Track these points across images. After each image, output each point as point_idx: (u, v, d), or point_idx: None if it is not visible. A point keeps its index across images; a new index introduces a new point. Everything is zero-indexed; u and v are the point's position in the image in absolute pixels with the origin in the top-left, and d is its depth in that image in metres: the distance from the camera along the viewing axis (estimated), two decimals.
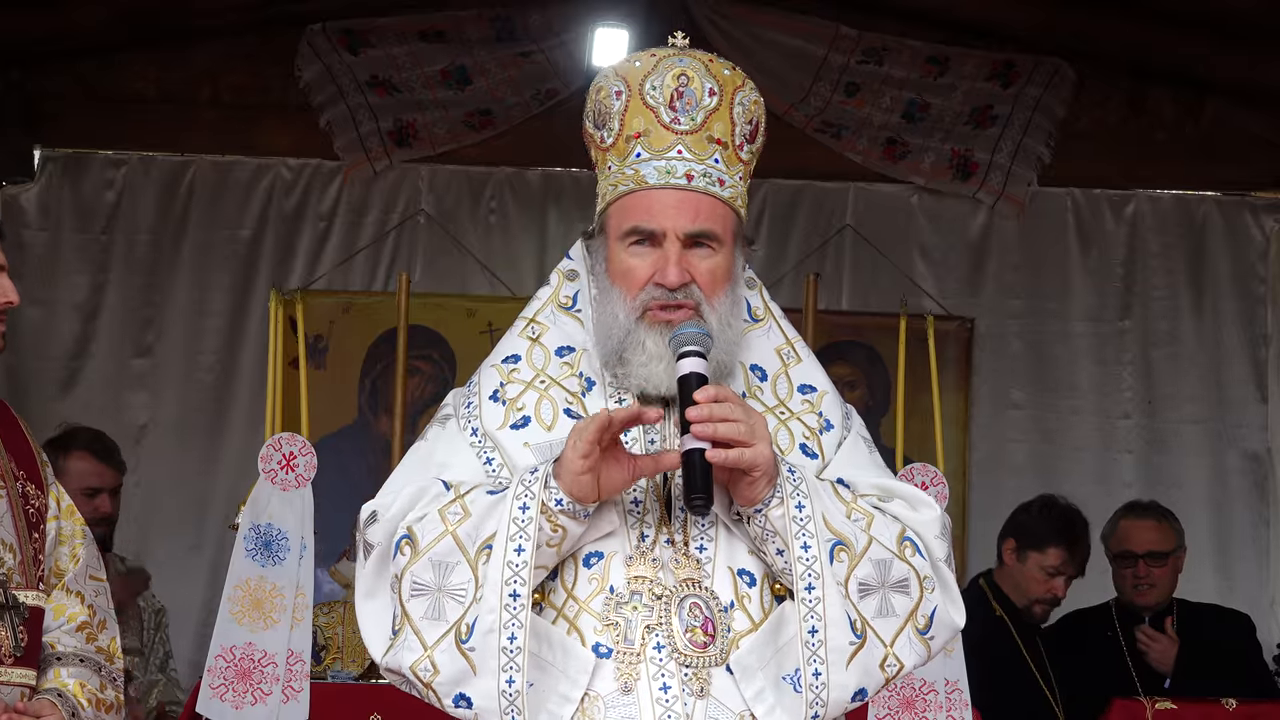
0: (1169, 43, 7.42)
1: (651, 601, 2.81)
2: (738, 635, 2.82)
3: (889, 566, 2.82)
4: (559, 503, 2.74)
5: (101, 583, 3.68)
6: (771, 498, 2.78)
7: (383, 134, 7.62)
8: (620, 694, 2.79)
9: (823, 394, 3.02)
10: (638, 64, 2.97)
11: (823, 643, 2.76)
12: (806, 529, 2.78)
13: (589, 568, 2.84)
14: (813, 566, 2.77)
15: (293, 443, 5.19)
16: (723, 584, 2.83)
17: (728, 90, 2.98)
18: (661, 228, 2.88)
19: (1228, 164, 7.83)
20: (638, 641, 2.80)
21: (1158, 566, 6.35)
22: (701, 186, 2.90)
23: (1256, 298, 7.88)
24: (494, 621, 2.72)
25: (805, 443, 2.95)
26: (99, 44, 7.56)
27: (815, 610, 2.76)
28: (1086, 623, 6.46)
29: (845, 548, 2.80)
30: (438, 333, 7.64)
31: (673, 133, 2.92)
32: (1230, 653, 6.31)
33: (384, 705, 5.15)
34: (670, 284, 2.86)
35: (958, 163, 7.70)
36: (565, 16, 7.53)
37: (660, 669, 2.79)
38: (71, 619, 3.58)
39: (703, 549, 2.85)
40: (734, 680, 2.80)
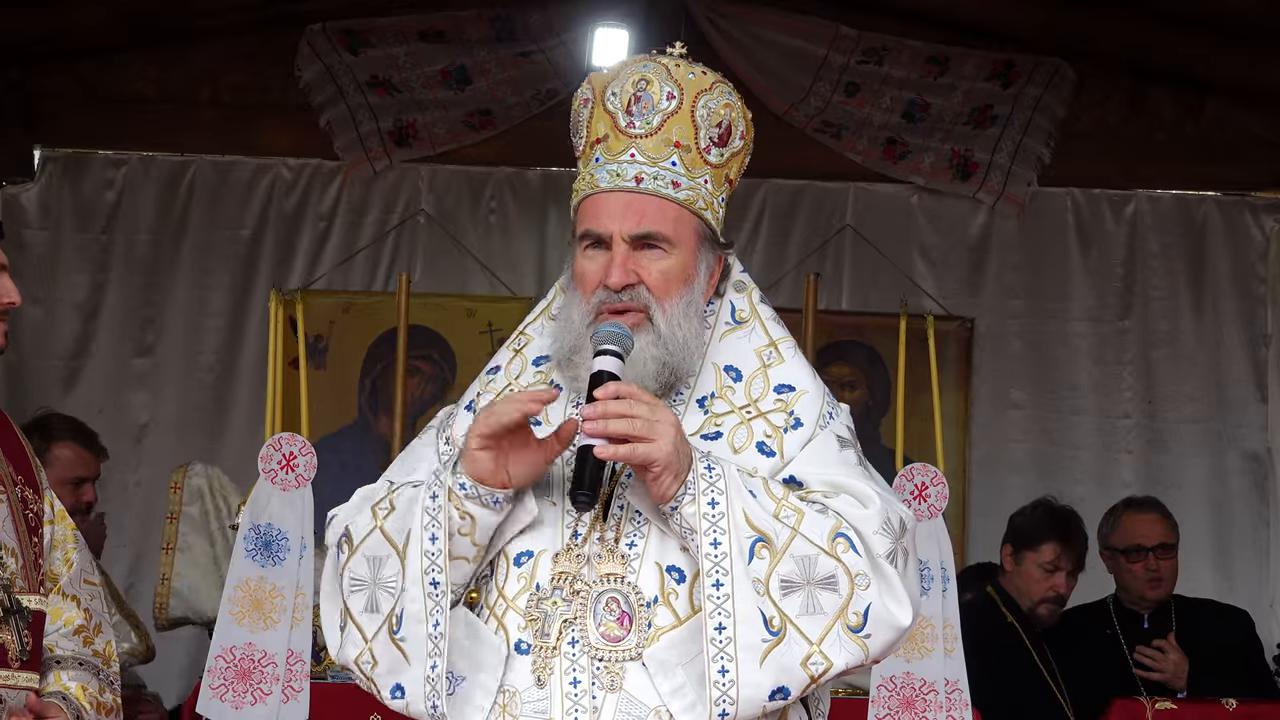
0: (1169, 43, 7.42)
1: (570, 596, 2.82)
2: (659, 630, 2.81)
3: (813, 563, 2.77)
4: (463, 487, 2.78)
5: (96, 586, 3.69)
6: (684, 494, 2.77)
7: (383, 134, 7.62)
8: (535, 688, 2.81)
9: (801, 393, 2.99)
10: (605, 71, 3.01)
11: (731, 639, 2.73)
12: (719, 525, 2.76)
13: (519, 566, 2.87)
14: (721, 563, 2.74)
15: (293, 443, 5.19)
16: (648, 579, 2.83)
17: (690, 93, 2.94)
18: (608, 230, 2.90)
19: (1228, 164, 7.83)
20: (554, 636, 2.81)
21: (1167, 559, 6.36)
22: (650, 188, 2.91)
23: (1256, 298, 7.88)
24: (418, 610, 2.78)
25: (764, 441, 2.92)
26: (99, 44, 7.56)
27: (724, 607, 2.73)
28: (1085, 621, 6.46)
29: (766, 544, 2.76)
30: (438, 333, 7.64)
31: (627, 136, 2.93)
32: (1229, 649, 6.30)
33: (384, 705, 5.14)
34: (613, 285, 2.88)
35: (958, 163, 7.70)
36: (565, 16, 7.53)
37: (573, 663, 2.80)
38: (69, 623, 3.59)
39: (632, 545, 2.84)
40: (648, 675, 2.79)
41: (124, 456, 7.35)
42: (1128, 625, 6.38)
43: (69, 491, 5.90)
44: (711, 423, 2.93)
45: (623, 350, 2.83)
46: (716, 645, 2.73)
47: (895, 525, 2.84)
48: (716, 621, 2.73)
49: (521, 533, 2.88)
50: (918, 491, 5.15)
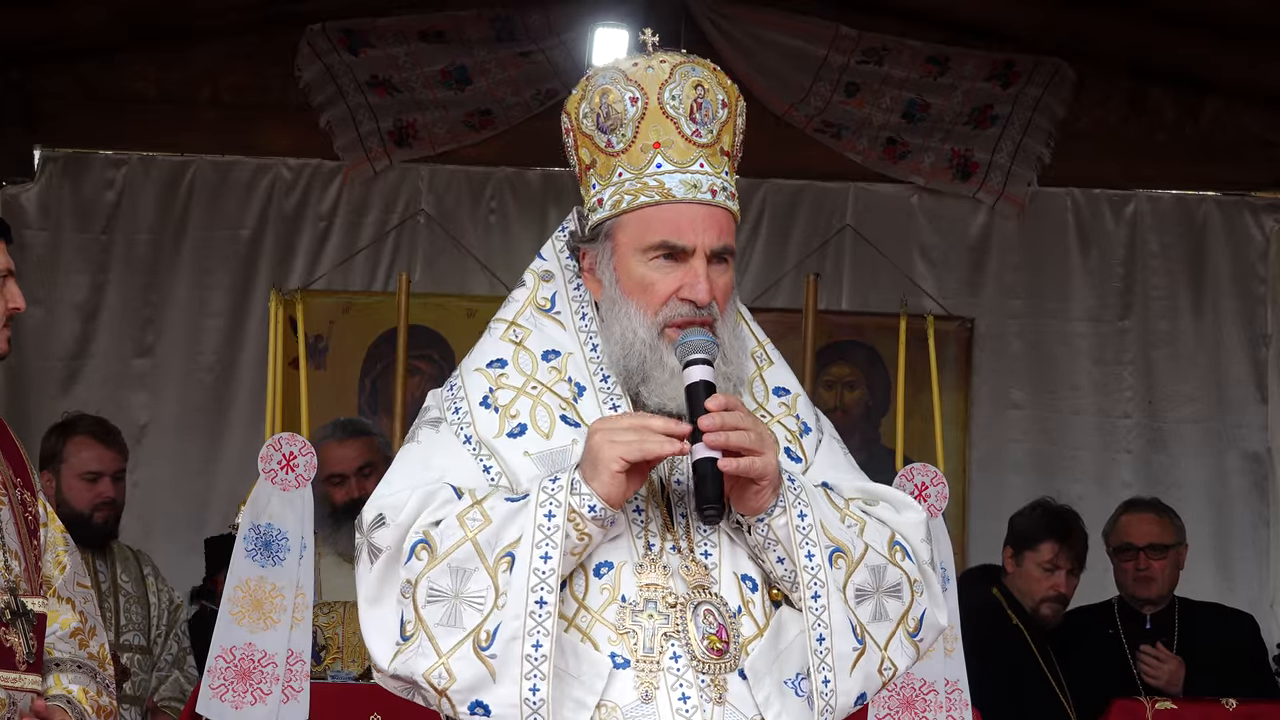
0: (1169, 43, 7.42)
1: (666, 610, 2.79)
2: (746, 640, 2.81)
3: (884, 572, 2.83)
4: (592, 509, 2.71)
5: (88, 589, 3.69)
6: (775, 507, 2.78)
7: (383, 134, 7.63)
8: (640, 703, 2.76)
9: (795, 396, 3.01)
10: (649, 70, 2.93)
11: (829, 650, 2.76)
12: (810, 537, 2.78)
13: (599, 578, 2.81)
14: (818, 575, 2.77)
15: (293, 443, 5.18)
16: (730, 590, 2.83)
17: (734, 101, 2.94)
18: (692, 244, 2.85)
19: (1228, 164, 7.83)
20: (656, 650, 2.78)
21: (1157, 559, 6.36)
22: (722, 202, 2.89)
23: (1256, 298, 7.88)
24: (518, 628, 2.68)
25: (789, 446, 2.93)
26: (99, 44, 7.56)
27: (822, 619, 2.76)
28: (1088, 621, 6.46)
29: (843, 554, 2.80)
30: (438, 333, 7.64)
31: (695, 145, 2.89)
32: (1233, 653, 6.30)
33: (384, 705, 5.14)
34: (702, 301, 2.83)
35: (958, 163, 7.70)
36: (565, 16, 7.53)
37: (679, 678, 2.77)
38: (64, 625, 3.59)
39: (708, 555, 2.84)
40: (747, 685, 2.79)
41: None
42: (1130, 626, 6.38)
43: (85, 486, 5.91)
44: None
45: (711, 358, 2.80)
46: (819, 656, 2.77)
47: (931, 532, 2.95)
48: (818, 633, 2.77)
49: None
50: (918, 491, 5.15)
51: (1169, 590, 6.43)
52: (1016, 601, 6.24)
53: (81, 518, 5.90)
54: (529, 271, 3.07)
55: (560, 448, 2.85)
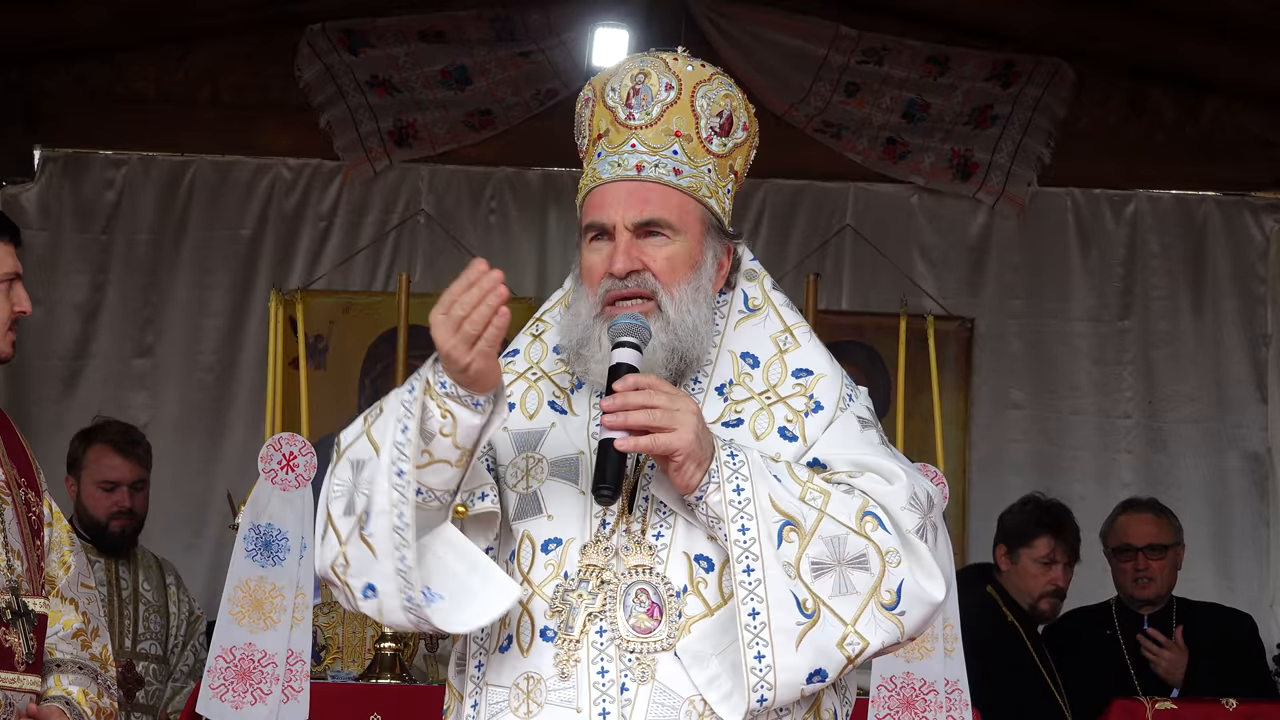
0: (1169, 43, 7.42)
1: (596, 589, 2.81)
2: (689, 620, 2.81)
3: (843, 543, 2.77)
4: (442, 385, 2.72)
5: (92, 590, 3.69)
6: (708, 483, 2.77)
7: (383, 134, 7.63)
8: (558, 679, 2.80)
9: (819, 377, 2.98)
10: (607, 70, 3.01)
11: (765, 624, 2.72)
12: (745, 511, 2.76)
13: (546, 553, 2.86)
14: (750, 549, 2.74)
15: (293, 443, 5.18)
16: (677, 569, 2.82)
17: (688, 84, 2.95)
18: (610, 220, 2.90)
19: (1228, 164, 7.83)
20: (578, 628, 2.80)
21: (1156, 559, 6.37)
22: (652, 176, 2.91)
23: (1256, 298, 7.88)
24: (384, 502, 2.71)
25: (786, 426, 2.92)
26: (99, 44, 7.56)
27: (755, 592, 2.73)
28: (1086, 622, 6.47)
29: (794, 527, 2.76)
30: None
31: (627, 128, 2.93)
32: (1231, 653, 6.31)
33: (384, 705, 5.15)
34: (617, 272, 2.87)
35: (958, 163, 7.70)
36: (565, 16, 7.53)
37: (600, 653, 2.79)
38: (67, 626, 3.59)
39: (659, 536, 2.84)
40: (682, 666, 2.79)
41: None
42: (1128, 626, 6.39)
43: (102, 495, 5.92)
44: (732, 410, 2.93)
45: (640, 342, 2.82)
46: (751, 631, 2.73)
47: (923, 500, 2.87)
48: (750, 607, 2.73)
49: (550, 519, 2.87)
50: None
51: (1167, 590, 6.44)
52: (1011, 599, 6.25)
53: (99, 525, 5.91)
54: (570, 275, 3.09)
55: (539, 429, 2.91)
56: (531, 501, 2.90)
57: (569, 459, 2.91)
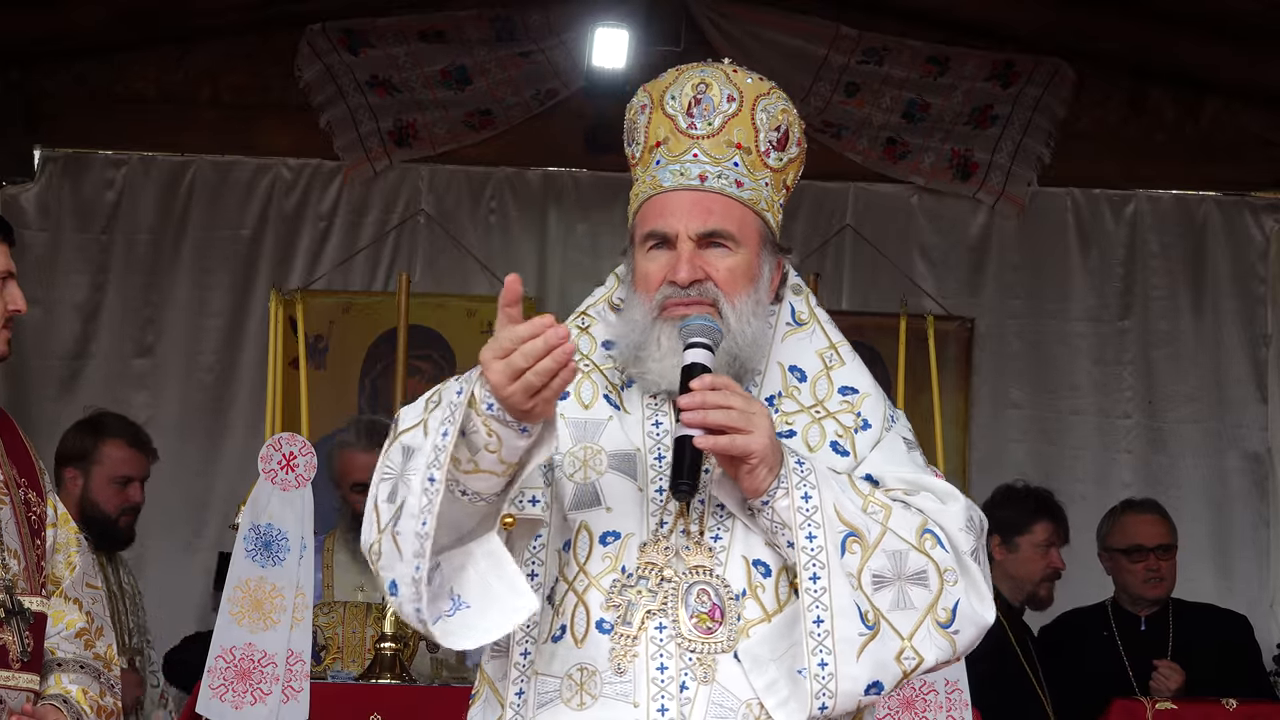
0: (1169, 43, 7.42)
1: (656, 587, 2.82)
2: (748, 624, 2.82)
3: (904, 558, 2.80)
4: (489, 406, 2.63)
5: (97, 590, 3.69)
6: (776, 488, 2.78)
7: (383, 134, 7.63)
8: (614, 674, 2.80)
9: (864, 396, 3.02)
10: (663, 77, 3.00)
11: (829, 633, 2.74)
12: (813, 519, 2.77)
13: (605, 545, 2.85)
14: (817, 556, 2.76)
15: (293, 443, 5.18)
16: (735, 572, 2.83)
17: (749, 97, 2.96)
18: (674, 229, 2.89)
19: (1228, 164, 7.83)
20: (635, 625, 2.81)
21: (1166, 559, 6.37)
22: (715, 186, 2.91)
23: (1256, 298, 7.88)
24: (414, 505, 2.65)
25: (837, 440, 2.95)
26: (99, 44, 7.56)
27: (820, 600, 2.75)
28: (1083, 623, 6.46)
29: (858, 539, 2.78)
30: (438, 333, 7.64)
31: (689, 137, 2.93)
32: (1227, 654, 6.30)
33: (384, 705, 5.15)
34: (680, 281, 2.87)
35: (958, 163, 7.70)
36: (565, 16, 7.53)
37: (660, 649, 2.80)
38: (70, 625, 3.59)
39: (718, 538, 2.85)
40: (742, 669, 2.80)
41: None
42: (1125, 627, 6.38)
43: (115, 491, 5.91)
44: (783, 421, 2.93)
45: (713, 343, 2.83)
46: (815, 638, 2.74)
47: (977, 523, 2.89)
48: (815, 615, 2.74)
49: (609, 512, 2.87)
50: None
51: (1171, 590, 6.43)
52: (998, 592, 6.24)
53: (108, 520, 5.89)
54: (612, 273, 3.11)
55: (597, 419, 2.91)
56: (589, 493, 2.89)
57: (627, 454, 2.90)
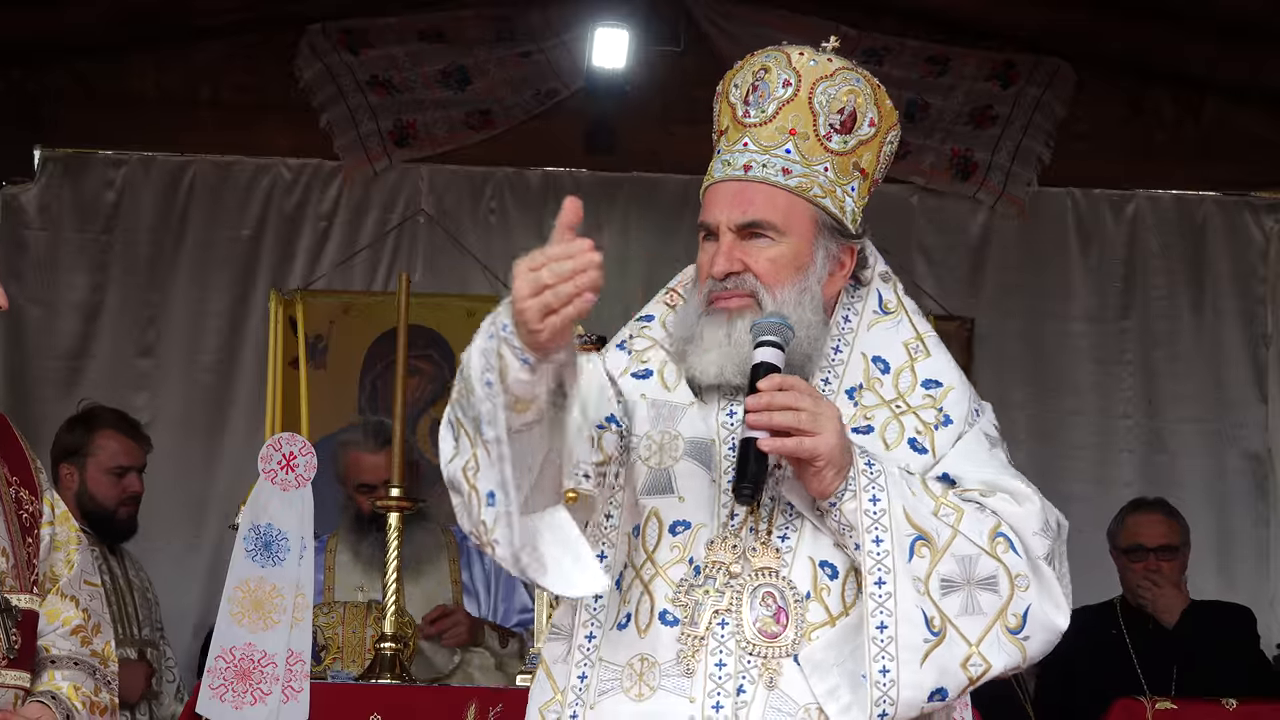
0: (1169, 43, 7.42)
1: (723, 587, 2.79)
2: (811, 627, 2.78)
3: (974, 563, 2.75)
4: (504, 327, 2.61)
5: (96, 588, 3.68)
6: (844, 491, 2.74)
7: (383, 134, 7.63)
8: (674, 664, 2.77)
9: (948, 389, 2.95)
10: (738, 64, 2.98)
11: (893, 639, 2.70)
12: (880, 522, 2.73)
13: (674, 535, 2.83)
14: (884, 561, 2.72)
15: (293, 443, 5.18)
16: (802, 574, 2.80)
17: (807, 80, 2.93)
18: (715, 220, 2.88)
19: (1228, 164, 7.83)
20: (703, 625, 2.77)
21: (1168, 560, 6.34)
22: (759, 176, 2.88)
23: (1256, 298, 7.88)
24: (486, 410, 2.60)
25: (915, 438, 2.89)
26: (99, 44, 7.56)
27: (885, 605, 2.71)
28: (1090, 622, 6.45)
29: (927, 543, 2.74)
30: (438, 333, 7.64)
31: (743, 126, 2.92)
32: (1233, 647, 6.29)
33: (384, 705, 5.14)
34: (716, 274, 2.85)
35: (958, 163, 7.70)
36: (565, 16, 7.53)
37: (720, 645, 2.76)
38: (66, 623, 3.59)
39: (785, 539, 2.81)
40: (803, 674, 2.76)
41: None
42: (1134, 626, 6.37)
43: (112, 481, 5.91)
44: (862, 415, 2.90)
45: (783, 341, 2.78)
46: (878, 644, 2.71)
47: (1054, 526, 2.84)
48: (879, 620, 2.71)
49: (681, 501, 2.84)
50: None
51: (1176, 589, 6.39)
52: None
53: (107, 512, 5.89)
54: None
55: (679, 403, 2.88)
56: (664, 479, 2.87)
57: (704, 443, 2.87)
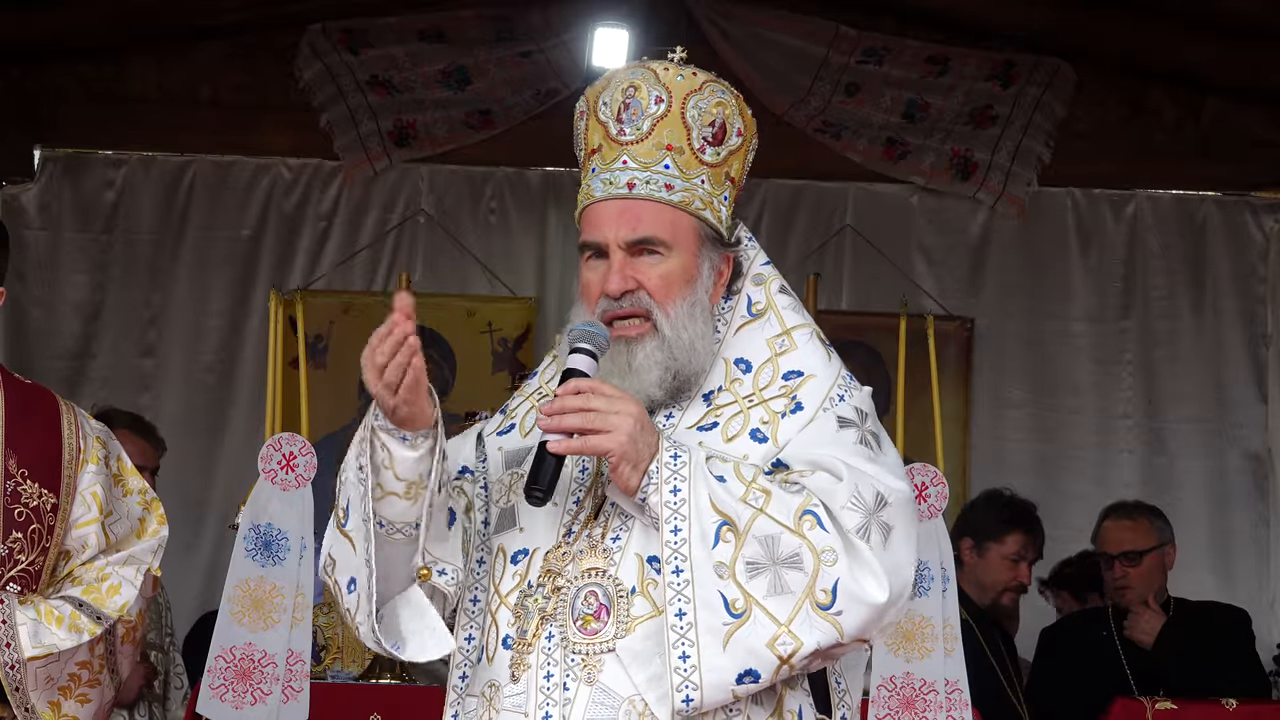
0: (1169, 43, 7.42)
1: (551, 593, 2.84)
2: (636, 621, 2.81)
3: (776, 542, 2.74)
4: (377, 417, 2.77)
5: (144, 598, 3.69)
6: (647, 484, 2.78)
7: (383, 134, 7.62)
8: (510, 683, 2.83)
9: (808, 378, 2.97)
10: (598, 82, 3.01)
11: (692, 624, 2.72)
12: (680, 512, 2.76)
13: (515, 564, 2.90)
14: (680, 549, 2.75)
15: (293, 443, 5.18)
16: (628, 571, 2.83)
17: (678, 95, 2.94)
18: (604, 239, 2.91)
19: (1228, 164, 7.83)
20: (530, 633, 2.83)
21: (1132, 566, 6.30)
22: (644, 193, 2.91)
23: (1256, 298, 7.88)
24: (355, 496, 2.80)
25: (759, 428, 2.90)
26: (99, 44, 7.56)
27: (684, 593, 2.74)
28: (1083, 623, 6.46)
29: (730, 527, 2.76)
30: (438, 333, 7.64)
31: (619, 144, 2.93)
32: (1229, 648, 6.29)
33: (384, 705, 5.15)
34: (611, 292, 2.88)
35: (958, 163, 7.70)
36: (565, 16, 7.53)
37: (547, 657, 2.81)
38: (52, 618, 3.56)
39: (616, 539, 2.86)
40: (623, 665, 2.79)
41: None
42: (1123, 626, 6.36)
43: None
44: (712, 414, 2.93)
45: (596, 349, 2.84)
46: (677, 631, 2.73)
47: (868, 499, 2.80)
48: (677, 608, 2.73)
49: (521, 531, 2.91)
50: (918, 492, 5.15)
51: (1149, 595, 6.36)
52: (966, 596, 6.22)
53: None
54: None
55: (528, 446, 2.92)
56: (508, 515, 2.94)
57: None
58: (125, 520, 3.72)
